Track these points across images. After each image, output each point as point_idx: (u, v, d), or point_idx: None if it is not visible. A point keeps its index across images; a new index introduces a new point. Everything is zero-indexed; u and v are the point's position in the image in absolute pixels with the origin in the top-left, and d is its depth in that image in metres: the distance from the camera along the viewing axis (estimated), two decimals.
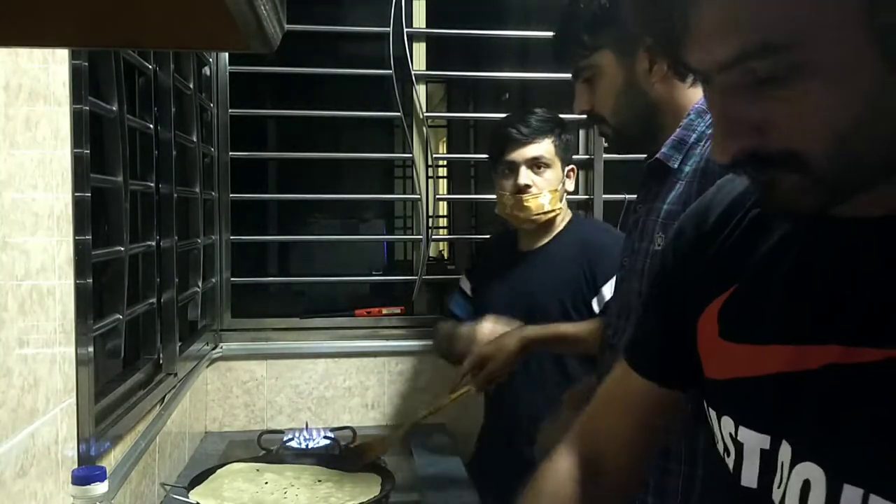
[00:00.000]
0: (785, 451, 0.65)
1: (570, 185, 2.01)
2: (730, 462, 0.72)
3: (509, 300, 1.95)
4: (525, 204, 1.92)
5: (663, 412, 0.89)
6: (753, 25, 0.57)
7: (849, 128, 0.57)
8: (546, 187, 1.92)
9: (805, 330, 0.65)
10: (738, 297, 0.74)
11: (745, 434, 0.70)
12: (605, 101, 1.36)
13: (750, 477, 0.69)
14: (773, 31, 0.57)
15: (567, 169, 1.98)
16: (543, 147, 1.93)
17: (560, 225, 1.99)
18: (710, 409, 0.76)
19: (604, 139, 1.46)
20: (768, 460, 0.67)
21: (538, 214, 1.94)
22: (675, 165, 1.26)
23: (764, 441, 0.67)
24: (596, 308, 1.86)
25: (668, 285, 0.87)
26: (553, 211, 1.94)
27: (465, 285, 2.16)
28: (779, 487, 0.65)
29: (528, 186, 1.91)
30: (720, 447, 0.74)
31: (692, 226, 0.84)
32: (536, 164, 1.93)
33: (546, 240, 1.99)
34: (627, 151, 1.48)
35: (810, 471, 0.62)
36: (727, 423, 0.72)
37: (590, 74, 1.37)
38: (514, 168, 1.93)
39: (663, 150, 1.28)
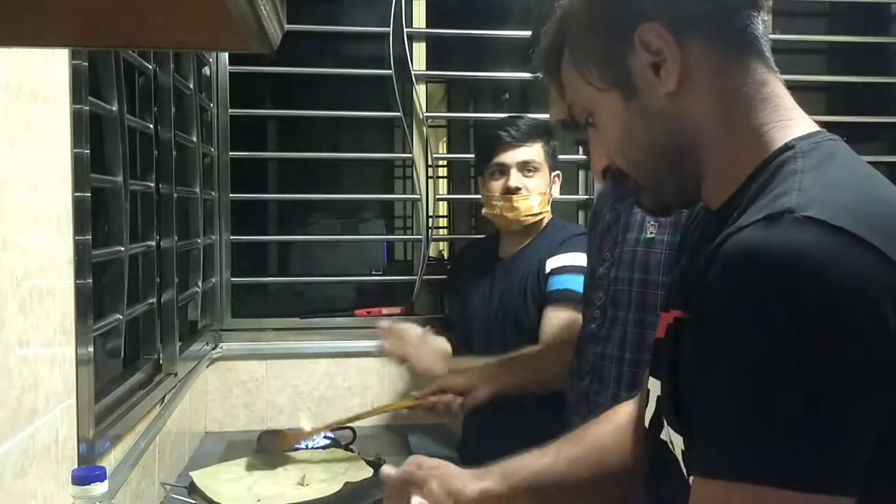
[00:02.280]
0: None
1: (556, 191, 2.02)
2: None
3: (486, 307, 2.00)
4: (515, 205, 1.93)
5: None
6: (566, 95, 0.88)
7: (625, 148, 0.82)
8: (535, 190, 1.93)
9: (667, 301, 0.84)
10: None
11: (651, 382, 0.86)
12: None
13: (648, 416, 0.86)
14: (569, 95, 0.87)
15: (553, 174, 1.99)
16: (534, 151, 1.94)
17: (539, 228, 2.00)
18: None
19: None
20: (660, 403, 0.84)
21: (527, 216, 1.95)
22: None
23: (657, 386, 0.84)
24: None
25: None
26: (541, 214, 1.96)
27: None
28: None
29: (518, 189, 1.92)
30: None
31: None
32: (527, 168, 1.94)
33: (523, 244, 2.00)
34: None
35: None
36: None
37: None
38: (504, 170, 1.94)
39: None
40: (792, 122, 0.76)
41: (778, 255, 0.61)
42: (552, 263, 1.89)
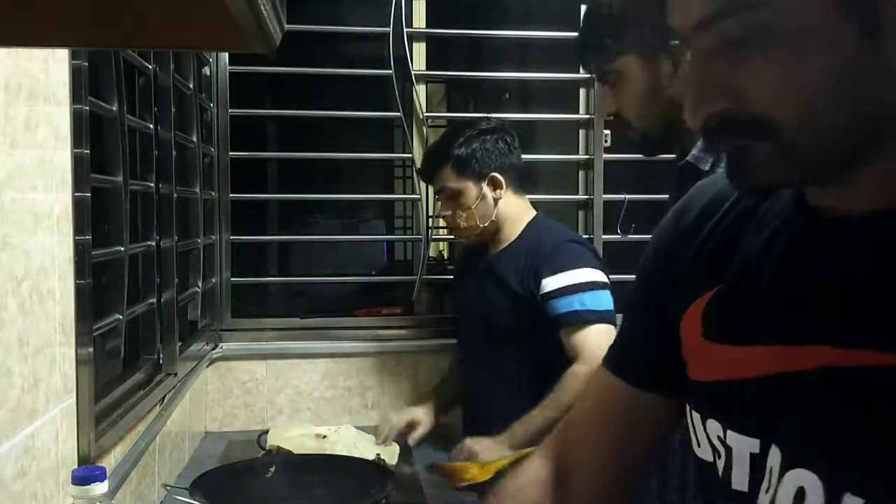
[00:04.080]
0: (774, 457, 0.64)
1: (498, 192, 1.95)
2: (720, 465, 0.70)
3: (469, 307, 2.04)
4: (450, 228, 2.05)
5: (643, 421, 0.86)
6: None
7: (822, 95, 0.56)
8: (457, 209, 1.96)
9: (793, 331, 0.63)
10: (723, 296, 0.72)
11: (733, 438, 0.68)
12: (630, 105, 1.36)
13: (740, 481, 0.67)
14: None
15: (488, 178, 1.93)
16: (441, 178, 1.97)
17: (517, 230, 1.98)
18: (694, 412, 0.74)
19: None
20: (757, 464, 0.66)
21: (467, 234, 2.00)
22: (707, 168, 1.26)
23: (753, 445, 0.66)
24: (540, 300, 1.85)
25: (649, 286, 0.85)
26: (470, 228, 1.96)
27: None
28: (767, 492, 0.64)
29: (443, 217, 2.02)
30: (708, 450, 0.73)
31: (672, 225, 0.82)
32: (443, 195, 1.99)
33: (502, 247, 1.99)
34: (654, 153, 1.45)
35: (804, 478, 0.60)
36: (714, 427, 0.70)
37: (613, 79, 1.37)
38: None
39: (694, 152, 1.29)
40: None
41: None
42: (551, 284, 1.82)
